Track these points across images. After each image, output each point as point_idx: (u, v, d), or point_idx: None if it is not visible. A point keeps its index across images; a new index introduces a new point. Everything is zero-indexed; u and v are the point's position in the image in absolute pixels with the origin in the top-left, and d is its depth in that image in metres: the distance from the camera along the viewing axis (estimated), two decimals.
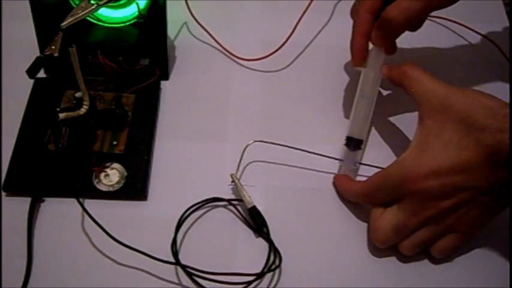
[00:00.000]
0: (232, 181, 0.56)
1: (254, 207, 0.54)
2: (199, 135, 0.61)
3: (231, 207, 0.56)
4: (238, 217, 0.56)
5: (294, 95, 0.64)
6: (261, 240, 0.54)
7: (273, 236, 0.54)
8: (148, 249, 0.51)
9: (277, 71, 0.66)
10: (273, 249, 0.53)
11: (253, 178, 0.57)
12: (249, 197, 0.54)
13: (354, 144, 0.58)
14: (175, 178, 0.57)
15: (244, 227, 0.55)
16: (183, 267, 0.51)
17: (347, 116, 0.62)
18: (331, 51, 0.67)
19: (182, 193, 0.56)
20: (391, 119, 0.63)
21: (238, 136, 0.60)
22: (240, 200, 0.55)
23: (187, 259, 0.52)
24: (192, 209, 0.55)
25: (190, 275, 0.51)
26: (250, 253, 0.53)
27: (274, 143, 0.58)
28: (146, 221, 0.54)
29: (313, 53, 0.68)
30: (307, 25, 0.66)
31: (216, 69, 0.66)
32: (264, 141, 0.57)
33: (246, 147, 0.57)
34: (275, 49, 0.65)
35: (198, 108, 0.63)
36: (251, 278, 0.51)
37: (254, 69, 0.66)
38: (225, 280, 0.50)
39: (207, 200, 0.55)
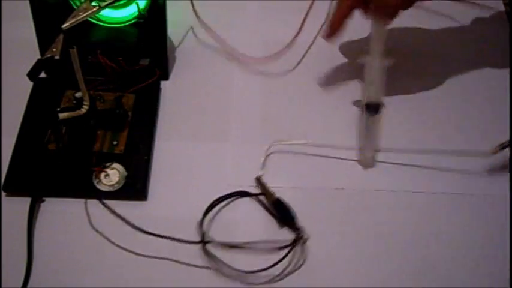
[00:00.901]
0: (257, 182, 0.56)
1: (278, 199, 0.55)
2: (200, 135, 0.61)
3: (255, 201, 0.56)
4: (260, 211, 0.56)
5: (293, 95, 0.64)
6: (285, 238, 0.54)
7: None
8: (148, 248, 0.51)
9: (277, 71, 0.66)
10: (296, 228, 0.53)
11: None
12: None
13: (373, 108, 0.59)
14: (175, 178, 0.57)
15: (267, 222, 0.55)
16: (206, 243, 0.51)
17: (351, 117, 0.62)
18: (332, 51, 0.67)
19: (182, 193, 0.56)
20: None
21: (239, 136, 0.60)
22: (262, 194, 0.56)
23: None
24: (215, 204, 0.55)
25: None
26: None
27: (295, 143, 0.58)
28: (146, 221, 0.54)
29: (313, 53, 0.67)
30: (308, 25, 0.66)
31: (216, 69, 0.66)
32: (285, 143, 0.58)
33: (268, 150, 0.58)
34: (278, 49, 0.65)
35: (198, 108, 0.63)
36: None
37: (254, 69, 0.66)
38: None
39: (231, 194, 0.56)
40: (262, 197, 0.56)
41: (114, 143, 0.58)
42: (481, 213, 0.56)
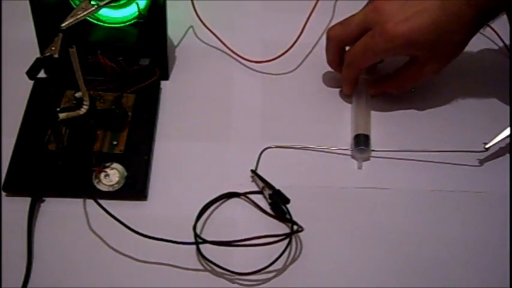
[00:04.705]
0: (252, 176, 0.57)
1: (278, 190, 0.55)
2: (200, 135, 0.61)
3: (246, 201, 0.56)
4: (254, 210, 0.55)
5: (294, 95, 0.64)
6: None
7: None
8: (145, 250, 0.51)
9: (277, 71, 0.66)
10: (292, 222, 0.53)
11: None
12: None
13: (362, 139, 0.59)
14: (175, 178, 0.57)
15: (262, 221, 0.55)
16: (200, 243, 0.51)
17: (350, 118, 0.63)
18: None
19: (182, 193, 0.56)
20: (393, 108, 0.64)
21: (239, 136, 0.60)
22: (254, 193, 0.56)
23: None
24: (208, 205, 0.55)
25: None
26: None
27: (292, 147, 0.59)
28: (146, 221, 0.54)
29: (315, 54, 0.68)
30: (310, 26, 0.66)
31: (216, 69, 0.66)
32: (282, 146, 0.59)
33: (262, 152, 0.58)
34: (278, 50, 0.65)
35: (198, 108, 0.63)
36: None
37: (254, 70, 0.66)
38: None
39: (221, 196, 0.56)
40: (251, 196, 0.56)
41: (114, 143, 0.58)
42: (477, 210, 0.56)
